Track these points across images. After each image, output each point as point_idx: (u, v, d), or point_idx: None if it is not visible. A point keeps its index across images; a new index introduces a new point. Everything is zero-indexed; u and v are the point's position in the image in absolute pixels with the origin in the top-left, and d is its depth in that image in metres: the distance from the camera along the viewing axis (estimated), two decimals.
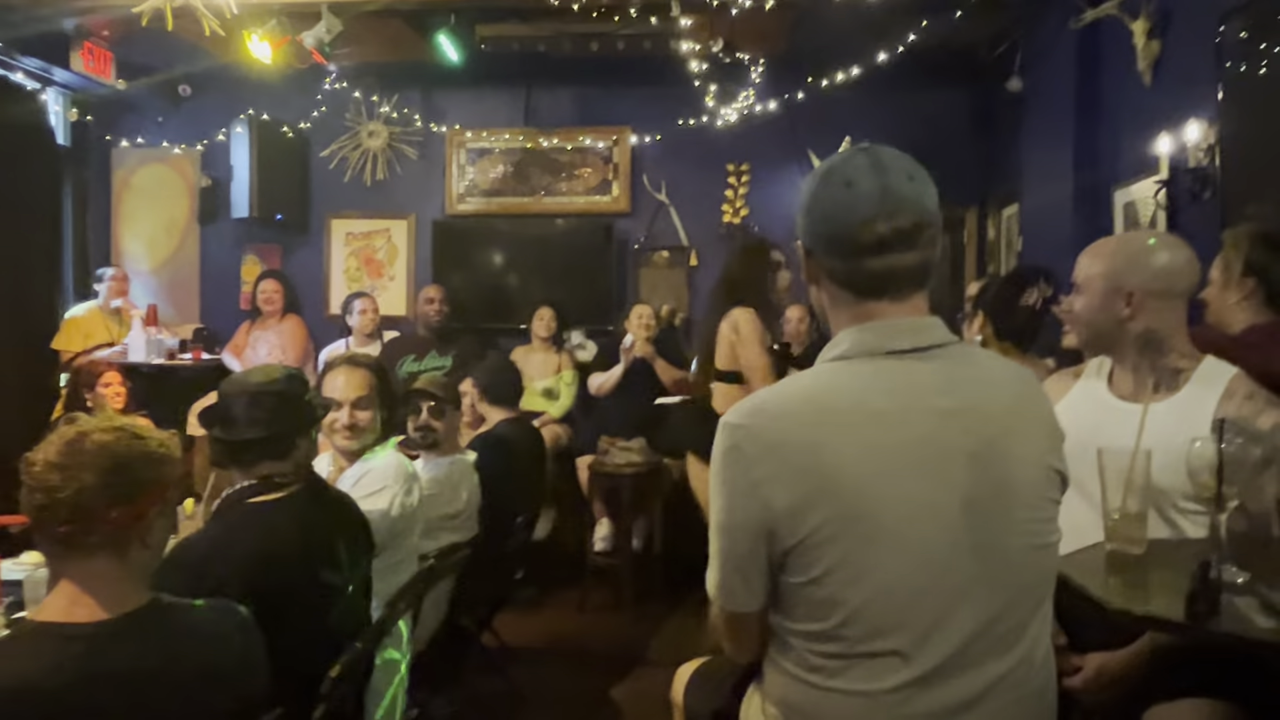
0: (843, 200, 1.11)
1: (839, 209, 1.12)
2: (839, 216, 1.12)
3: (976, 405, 1.11)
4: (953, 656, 1.06)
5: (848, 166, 1.13)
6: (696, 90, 4.56)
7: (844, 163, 1.14)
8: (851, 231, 1.10)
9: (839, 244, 1.13)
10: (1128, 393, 1.63)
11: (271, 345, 4.96)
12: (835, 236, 1.13)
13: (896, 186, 1.10)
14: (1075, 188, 3.81)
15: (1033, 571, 1.13)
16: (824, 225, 1.14)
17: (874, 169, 1.11)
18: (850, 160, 1.13)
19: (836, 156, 1.16)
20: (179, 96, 5.47)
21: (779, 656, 1.15)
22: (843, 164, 1.14)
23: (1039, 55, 4.27)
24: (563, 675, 3.40)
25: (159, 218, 5.59)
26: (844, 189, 1.11)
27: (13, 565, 2.19)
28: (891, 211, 1.09)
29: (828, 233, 1.14)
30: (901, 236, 1.10)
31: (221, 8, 2.87)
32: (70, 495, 1.19)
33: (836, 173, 1.13)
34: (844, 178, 1.12)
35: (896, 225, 1.09)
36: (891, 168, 1.11)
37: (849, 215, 1.11)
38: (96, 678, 1.18)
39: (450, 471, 2.78)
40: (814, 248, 1.17)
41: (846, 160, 1.14)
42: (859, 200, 1.10)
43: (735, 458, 1.09)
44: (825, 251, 1.15)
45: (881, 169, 1.11)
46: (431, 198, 5.53)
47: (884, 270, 1.12)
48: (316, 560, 1.76)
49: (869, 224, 1.09)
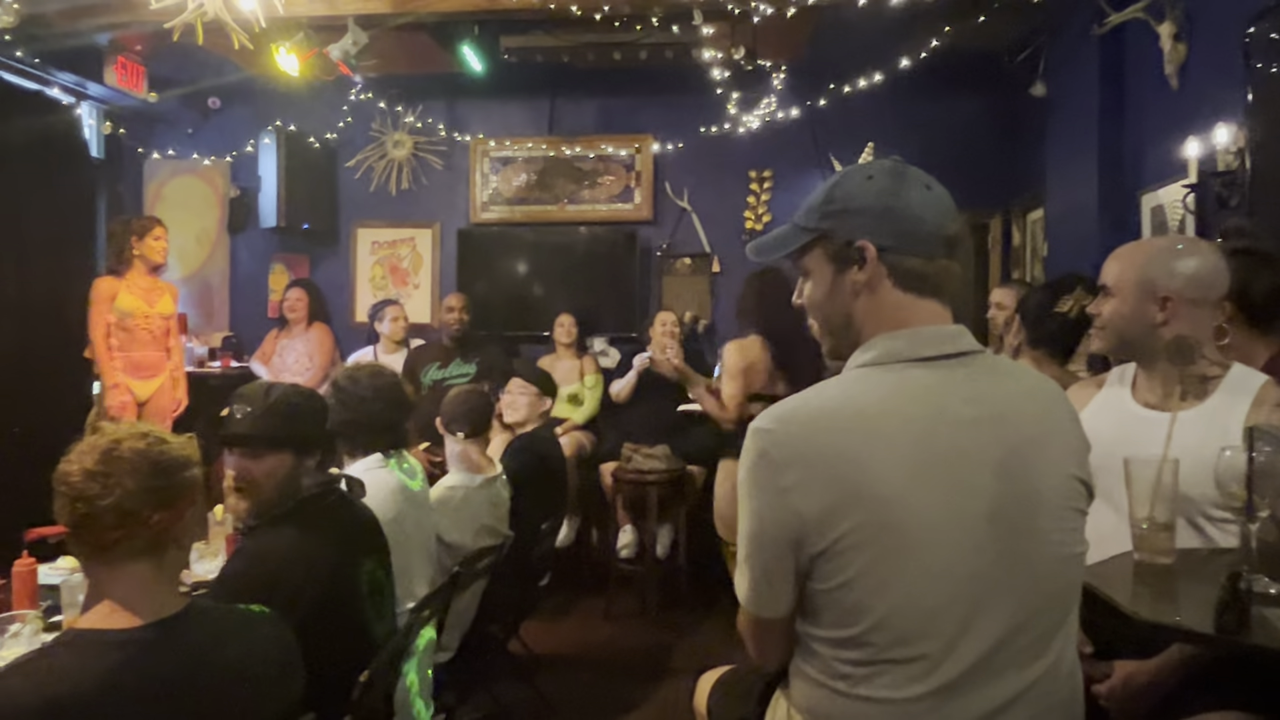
0: (930, 200, 1.16)
1: (929, 208, 1.16)
2: (929, 216, 1.16)
3: (1003, 414, 1.12)
4: (979, 665, 1.06)
5: (911, 171, 1.18)
6: (719, 98, 4.57)
7: (904, 168, 1.18)
8: (940, 229, 1.16)
9: (925, 243, 1.16)
10: (1154, 400, 1.61)
11: (299, 353, 5.03)
12: (929, 235, 1.16)
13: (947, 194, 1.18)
14: (1101, 192, 3.78)
15: (1058, 581, 1.12)
16: (910, 223, 1.16)
17: (926, 176, 1.17)
18: (906, 167, 1.18)
19: (889, 163, 1.19)
20: (209, 109, 5.57)
21: (805, 663, 1.16)
22: (904, 168, 1.18)
23: (1063, 60, 4.24)
24: (588, 683, 3.41)
25: (190, 228, 5.69)
26: (926, 190, 1.16)
27: (49, 570, 2.24)
28: (956, 216, 1.18)
29: (915, 231, 1.16)
30: (962, 241, 1.16)
31: (250, 21, 2.91)
32: (113, 503, 1.22)
33: (910, 175, 1.17)
34: (920, 180, 1.17)
35: (960, 230, 1.18)
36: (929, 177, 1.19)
37: (938, 214, 1.16)
38: (136, 684, 1.20)
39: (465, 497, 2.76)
40: (890, 245, 1.16)
41: (904, 166, 1.18)
42: (941, 201, 1.17)
43: (764, 464, 1.10)
44: (905, 249, 1.16)
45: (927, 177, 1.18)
46: (456, 206, 5.58)
47: (951, 272, 1.17)
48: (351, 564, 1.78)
49: (951, 223, 1.17)
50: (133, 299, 4.15)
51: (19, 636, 1.77)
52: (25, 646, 1.73)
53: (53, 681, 1.15)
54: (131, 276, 4.17)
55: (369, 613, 1.84)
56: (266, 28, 3.10)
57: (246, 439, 1.78)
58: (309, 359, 4.98)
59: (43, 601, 2.04)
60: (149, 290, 4.23)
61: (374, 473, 2.23)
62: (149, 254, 4.18)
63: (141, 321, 4.17)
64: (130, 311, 4.12)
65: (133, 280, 4.17)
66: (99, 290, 4.11)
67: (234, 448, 1.80)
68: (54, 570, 2.24)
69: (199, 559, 2.42)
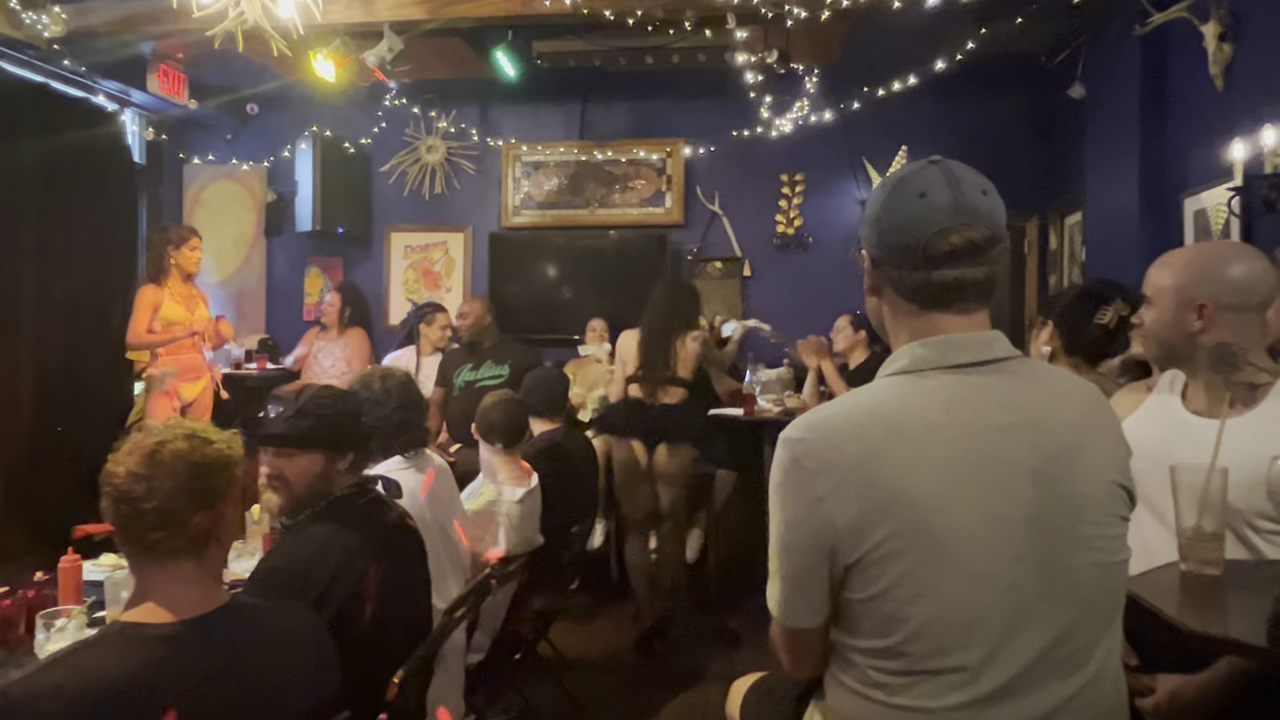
0: (917, 211, 1.11)
1: (912, 219, 1.11)
2: (912, 227, 1.11)
3: (1040, 420, 1.10)
4: (1020, 674, 1.04)
5: (921, 177, 1.12)
6: (750, 101, 4.56)
7: (916, 174, 1.13)
8: (924, 242, 1.10)
9: (909, 254, 1.12)
10: (1202, 408, 1.58)
11: (335, 357, 5.09)
12: (906, 246, 1.12)
13: (970, 199, 1.10)
14: (1141, 195, 3.71)
15: (1100, 589, 1.10)
16: (895, 235, 1.13)
17: (947, 181, 1.11)
18: (923, 171, 1.13)
19: (908, 168, 1.16)
20: (247, 115, 5.67)
21: (840, 672, 1.15)
22: (915, 175, 1.13)
23: (1103, 61, 4.17)
24: (618, 686, 3.41)
25: (227, 231, 5.79)
26: (918, 199, 1.11)
27: (93, 566, 2.29)
28: (965, 224, 1.09)
29: (899, 243, 1.13)
30: (973, 249, 1.10)
31: (289, 28, 2.96)
32: (157, 504, 1.24)
33: (910, 183, 1.13)
34: (917, 188, 1.12)
35: (969, 237, 1.09)
36: (965, 180, 1.11)
37: (922, 226, 1.10)
38: (175, 678, 1.21)
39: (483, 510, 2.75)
40: (881, 258, 1.16)
41: (919, 171, 1.14)
42: (933, 211, 1.10)
43: (795, 473, 1.09)
44: (894, 262, 1.15)
45: (955, 181, 1.11)
46: (488, 211, 5.63)
47: (952, 282, 1.11)
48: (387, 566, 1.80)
49: (942, 235, 1.09)
50: (176, 307, 4.29)
51: (64, 631, 1.81)
52: (70, 640, 1.76)
53: (95, 674, 1.18)
54: (171, 285, 4.31)
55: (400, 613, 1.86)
56: (304, 35, 3.15)
57: (279, 439, 1.81)
58: (345, 363, 5.03)
59: (87, 597, 2.08)
60: (187, 298, 4.38)
61: (396, 474, 2.25)
62: (184, 264, 4.34)
63: (184, 330, 4.28)
64: (174, 320, 4.26)
65: (173, 289, 4.31)
66: (143, 298, 4.24)
67: (268, 447, 1.83)
68: (98, 567, 2.29)
69: (237, 557, 2.46)
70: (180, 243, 4.32)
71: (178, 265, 4.31)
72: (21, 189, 4.17)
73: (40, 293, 4.23)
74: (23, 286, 4.16)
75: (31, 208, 4.22)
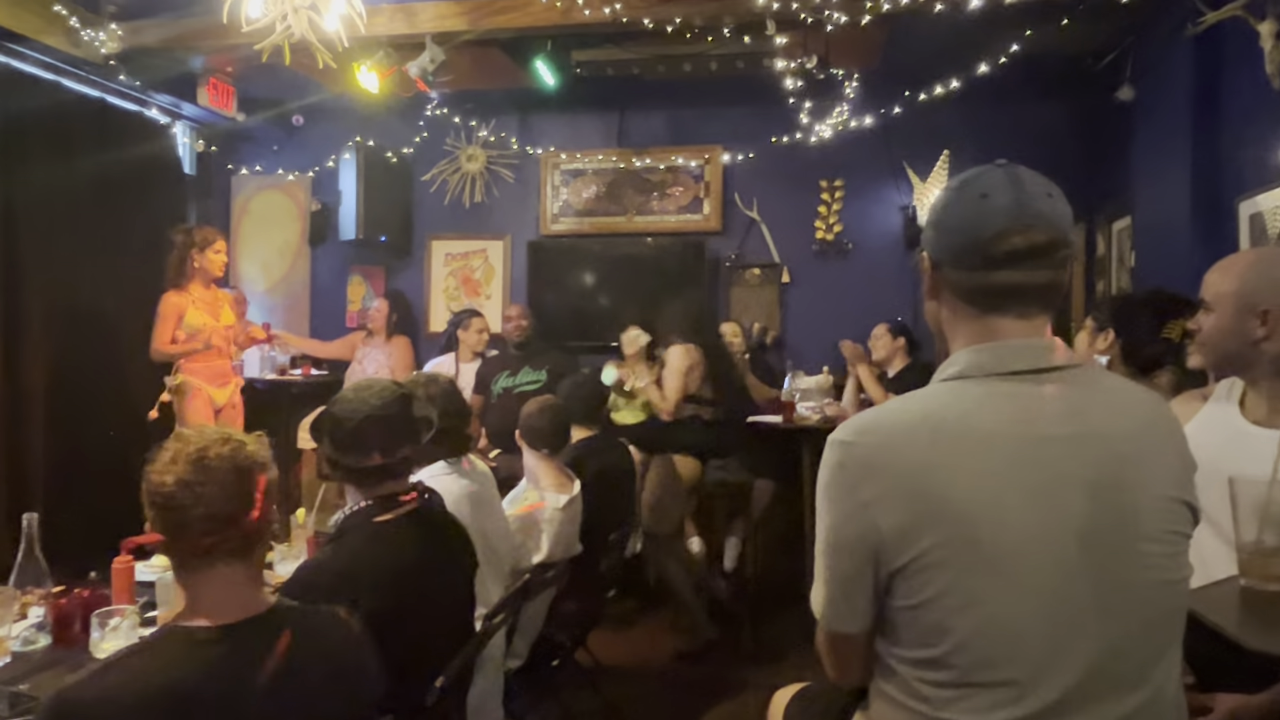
0: (977, 211, 1.10)
1: (972, 220, 1.10)
2: (972, 228, 1.10)
3: (1098, 431, 1.07)
4: (1071, 692, 1.02)
5: (983, 179, 1.12)
6: (789, 107, 4.54)
7: (979, 176, 1.13)
8: (983, 243, 1.09)
9: (968, 255, 1.11)
10: (1261, 417, 1.53)
11: (379, 364, 5.16)
12: (966, 248, 1.11)
13: (1033, 202, 1.09)
14: (1194, 199, 3.61)
15: (1158, 608, 1.07)
16: (955, 236, 1.12)
17: (1011, 184, 1.10)
18: (986, 174, 1.12)
19: (971, 171, 1.15)
20: (292, 126, 5.79)
21: (884, 683, 1.13)
22: (978, 177, 1.13)
23: (1153, 62, 4.08)
24: (656, 694, 3.40)
25: (273, 241, 5.91)
26: (979, 200, 1.10)
27: (145, 568, 2.34)
28: (1027, 226, 1.08)
29: (958, 244, 1.12)
30: (1035, 252, 1.08)
31: (334, 41, 3.02)
32: (207, 510, 1.27)
33: (972, 185, 1.12)
34: (980, 190, 1.11)
35: (1032, 240, 1.08)
36: (1029, 183, 1.10)
37: (983, 227, 1.09)
38: (224, 679, 1.23)
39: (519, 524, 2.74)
40: (941, 259, 1.15)
41: (982, 174, 1.13)
42: (994, 212, 1.09)
43: (842, 477, 1.08)
44: (953, 263, 1.13)
45: (1019, 184, 1.10)
46: (526, 218, 5.67)
47: (1012, 285, 1.10)
48: (434, 572, 1.81)
49: (1003, 236, 1.08)
50: (200, 314, 4.17)
51: (118, 630, 1.86)
52: (124, 640, 1.82)
53: (148, 676, 1.20)
54: (193, 290, 4.16)
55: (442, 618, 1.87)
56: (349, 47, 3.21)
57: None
58: (390, 370, 5.10)
59: (139, 598, 2.14)
60: (211, 303, 4.24)
61: (439, 480, 2.27)
62: (209, 267, 4.16)
63: (211, 336, 4.18)
64: (199, 327, 4.14)
65: (195, 294, 4.17)
66: (167, 305, 4.10)
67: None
68: (149, 568, 2.35)
69: (281, 560, 2.50)
70: (205, 245, 4.14)
71: (201, 269, 4.14)
72: (79, 201, 4.31)
73: (95, 300, 4.36)
74: (80, 294, 4.28)
75: (89, 218, 4.35)
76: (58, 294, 4.17)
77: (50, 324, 4.15)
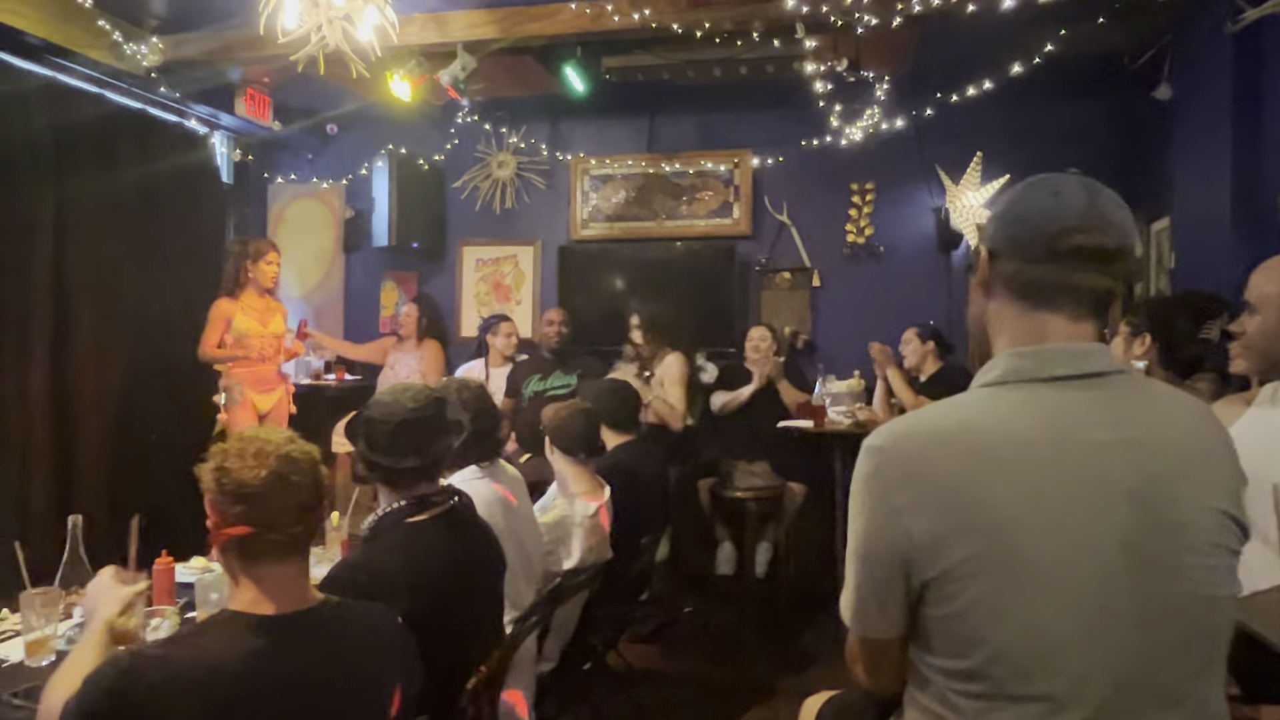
0: (1047, 206, 1.10)
1: (1040, 213, 1.10)
2: (1041, 220, 1.10)
3: (1141, 439, 1.05)
4: (1107, 706, 0.99)
5: (1058, 179, 1.12)
6: (819, 110, 4.52)
7: (1054, 177, 1.13)
8: (1050, 236, 1.09)
9: (1032, 246, 1.10)
10: None
11: (410, 369, 5.22)
12: (1031, 238, 1.10)
13: (1104, 207, 1.09)
14: (1235, 199, 3.54)
15: (1200, 623, 1.04)
16: (1020, 226, 1.12)
17: (1085, 188, 1.10)
18: (1061, 176, 1.13)
19: (1044, 174, 1.15)
20: (327, 135, 5.88)
21: (918, 692, 1.12)
22: (1052, 177, 1.13)
23: (1191, 60, 4.01)
24: (687, 699, 3.39)
25: (308, 247, 6.00)
26: (1052, 196, 1.10)
27: (185, 569, 2.39)
28: (1095, 227, 1.08)
29: (1023, 234, 1.11)
30: (1100, 255, 1.08)
31: (367, 51, 3.06)
32: (299, 500, 1.33)
33: (1045, 183, 1.12)
34: (1053, 188, 1.11)
35: (1099, 242, 1.08)
36: (1102, 191, 1.10)
37: (1052, 220, 1.09)
38: (275, 664, 1.27)
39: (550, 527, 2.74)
40: (1000, 249, 1.14)
41: (1056, 176, 1.13)
42: (1065, 209, 1.09)
43: (876, 482, 1.07)
44: (1013, 253, 1.13)
45: (1094, 190, 1.10)
46: (557, 224, 5.70)
47: (1069, 284, 1.09)
48: (465, 573, 1.83)
49: (1071, 232, 1.08)
50: (248, 320, 4.38)
51: (159, 630, 1.90)
52: None
53: (208, 654, 1.25)
54: (245, 298, 4.40)
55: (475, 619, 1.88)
56: (382, 56, 3.26)
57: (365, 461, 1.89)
58: (420, 374, 5.15)
59: (179, 599, 2.18)
60: (262, 311, 4.46)
61: (471, 484, 2.29)
62: (261, 278, 4.41)
63: (256, 341, 4.41)
64: (246, 332, 4.36)
65: (247, 302, 4.41)
66: (217, 311, 4.35)
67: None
68: (189, 569, 2.40)
69: (316, 563, 2.53)
70: (258, 256, 4.40)
71: (254, 279, 4.40)
72: (124, 209, 4.41)
73: (140, 307, 4.46)
74: (124, 301, 4.38)
75: (133, 226, 4.45)
76: (104, 299, 4.27)
77: (97, 329, 4.25)
